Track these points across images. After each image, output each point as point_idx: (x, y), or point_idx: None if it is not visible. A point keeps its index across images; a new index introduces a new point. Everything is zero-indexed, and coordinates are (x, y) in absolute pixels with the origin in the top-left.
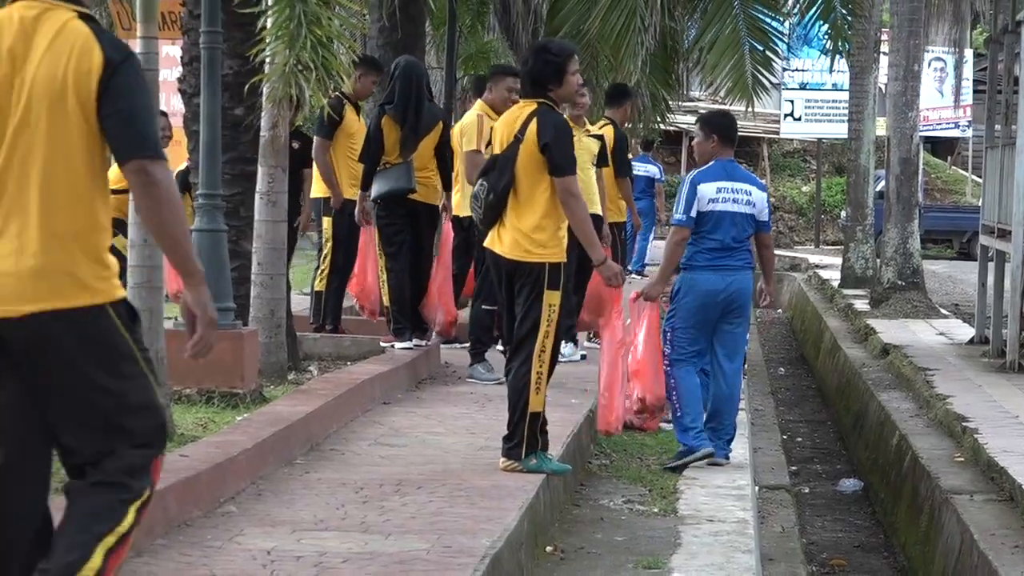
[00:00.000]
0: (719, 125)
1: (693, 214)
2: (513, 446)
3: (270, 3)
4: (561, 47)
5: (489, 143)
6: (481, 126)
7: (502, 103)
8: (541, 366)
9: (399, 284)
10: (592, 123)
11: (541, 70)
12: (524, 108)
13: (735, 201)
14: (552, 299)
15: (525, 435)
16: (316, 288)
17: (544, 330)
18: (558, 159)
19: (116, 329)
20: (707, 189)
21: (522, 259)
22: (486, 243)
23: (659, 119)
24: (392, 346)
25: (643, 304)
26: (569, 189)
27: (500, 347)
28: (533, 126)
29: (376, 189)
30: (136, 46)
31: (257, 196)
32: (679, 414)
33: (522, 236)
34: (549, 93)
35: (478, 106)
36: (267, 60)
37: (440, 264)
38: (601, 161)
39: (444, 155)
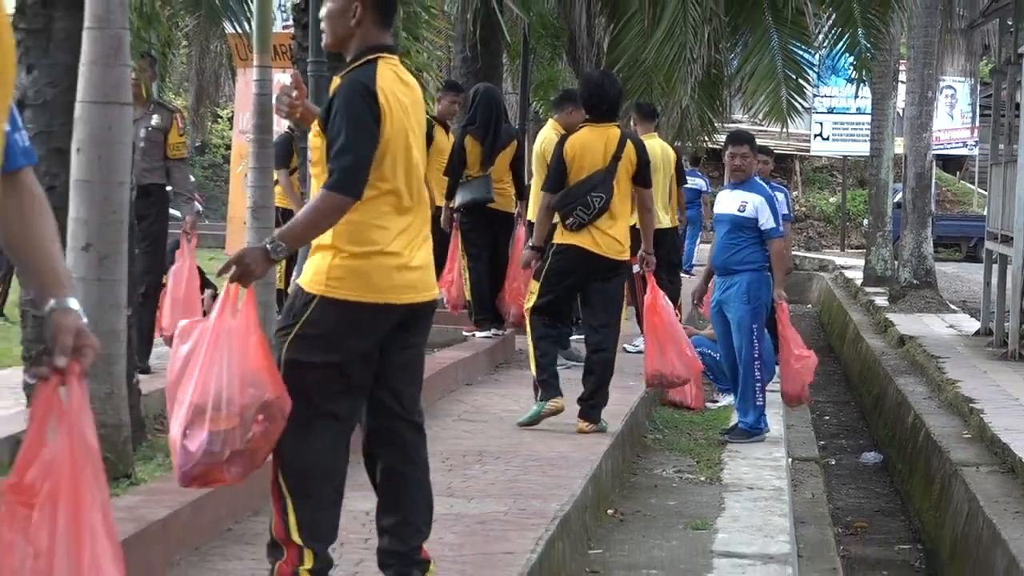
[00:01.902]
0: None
1: None
2: (596, 408)
3: None
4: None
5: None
6: None
7: (573, 125)
8: (617, 343)
9: (479, 281)
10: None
11: (616, 97)
12: (608, 131)
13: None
14: (625, 289)
15: (605, 401)
16: None
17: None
18: (648, 175)
19: None
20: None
21: (617, 257)
22: (573, 241)
23: (706, 138)
24: (473, 335)
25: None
26: (652, 198)
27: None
28: (630, 147)
29: (460, 199)
30: (253, 74)
31: None
32: (760, 403)
33: (618, 240)
34: (616, 118)
35: (552, 125)
36: None
37: (514, 263)
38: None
39: (518, 168)
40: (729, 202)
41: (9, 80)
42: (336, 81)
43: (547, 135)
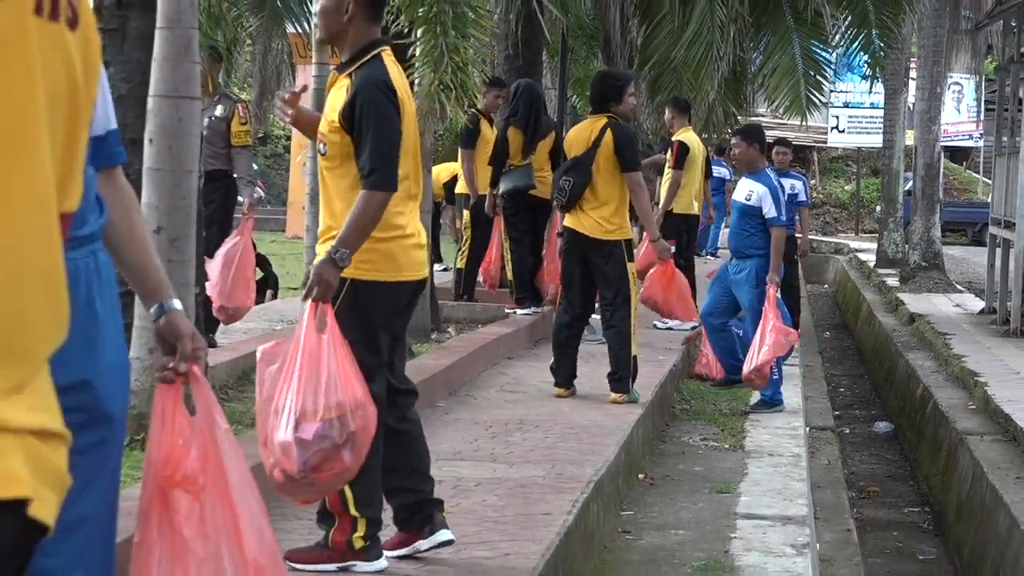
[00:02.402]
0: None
1: None
2: (621, 381)
3: (419, 35)
4: (623, 74)
5: None
6: None
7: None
8: (635, 319)
9: (521, 262)
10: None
11: (605, 91)
12: (595, 123)
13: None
14: (631, 268)
15: (630, 374)
16: (458, 265)
17: (634, 291)
18: (627, 158)
19: None
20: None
21: (603, 237)
22: (566, 223)
23: (729, 131)
24: (515, 312)
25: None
26: (638, 181)
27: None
28: (609, 134)
29: (503, 186)
30: (311, 70)
31: None
32: (777, 377)
33: (602, 221)
34: (612, 110)
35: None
36: (416, 81)
37: (551, 246)
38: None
39: (556, 158)
40: (740, 190)
41: (98, 75)
42: (339, 78)
43: None
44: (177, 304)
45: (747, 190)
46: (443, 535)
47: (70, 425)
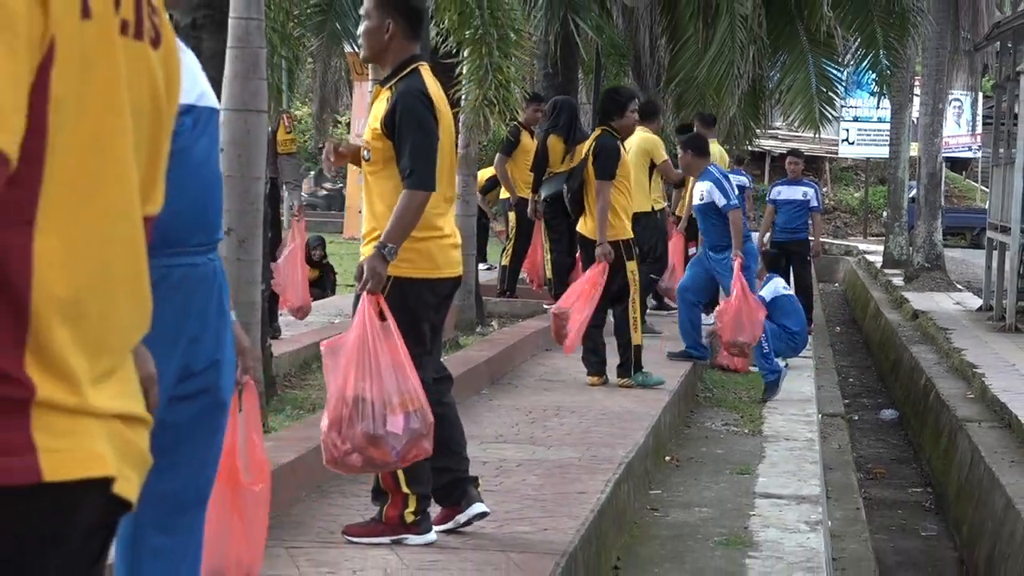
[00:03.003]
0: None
1: None
2: (623, 367)
3: (465, 55)
4: (627, 91)
5: None
6: None
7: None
8: (635, 312)
9: (559, 261)
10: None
11: (609, 106)
12: (594, 135)
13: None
14: (631, 266)
15: (632, 360)
16: (502, 263)
17: (633, 286)
18: (599, 166)
19: None
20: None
21: (591, 236)
22: (578, 228)
23: (748, 143)
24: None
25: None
26: (599, 189)
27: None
28: (587, 144)
29: (544, 191)
30: (367, 87)
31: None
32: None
33: (589, 223)
34: (612, 123)
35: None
36: (463, 96)
37: None
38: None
39: None
40: (695, 195)
41: (178, 91)
42: (382, 91)
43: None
44: (233, 316)
45: (698, 192)
46: (478, 508)
47: (201, 412)
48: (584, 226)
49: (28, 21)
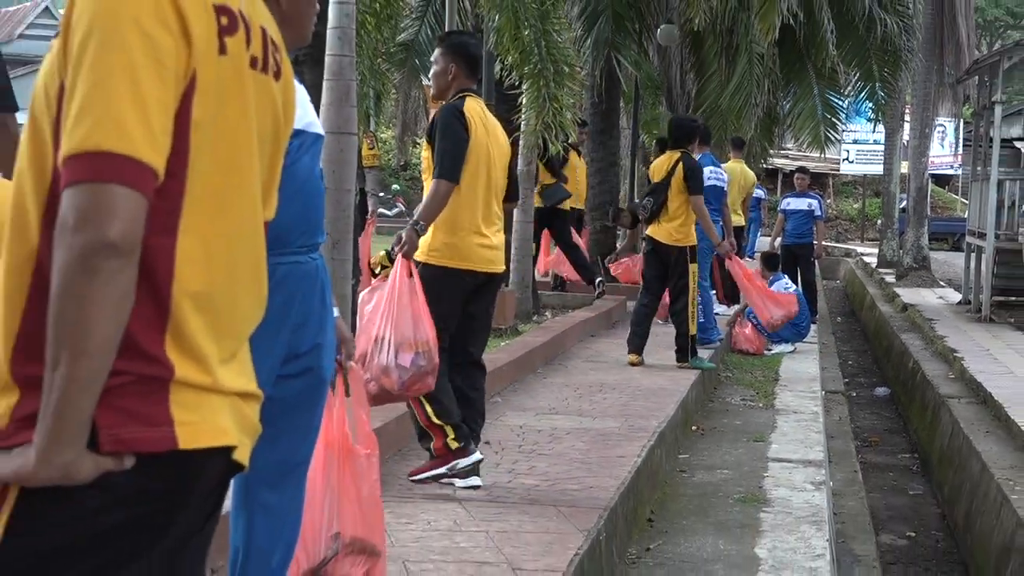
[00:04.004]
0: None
1: None
2: (681, 351)
3: (526, 87)
4: (698, 120)
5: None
6: None
7: None
8: (692, 307)
9: (575, 257)
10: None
11: (687, 134)
12: (672, 156)
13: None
14: (693, 268)
15: (688, 347)
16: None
17: (692, 285)
18: (693, 186)
19: None
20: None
21: (676, 243)
22: (649, 232)
23: (764, 161)
24: (599, 296)
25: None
26: (698, 203)
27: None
28: (680, 167)
29: (546, 201)
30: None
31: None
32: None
33: (674, 230)
34: (688, 147)
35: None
36: (523, 121)
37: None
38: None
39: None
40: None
41: (294, 116)
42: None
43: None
44: (337, 312)
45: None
46: (474, 480)
47: (304, 388)
48: (656, 230)
49: (175, 56)
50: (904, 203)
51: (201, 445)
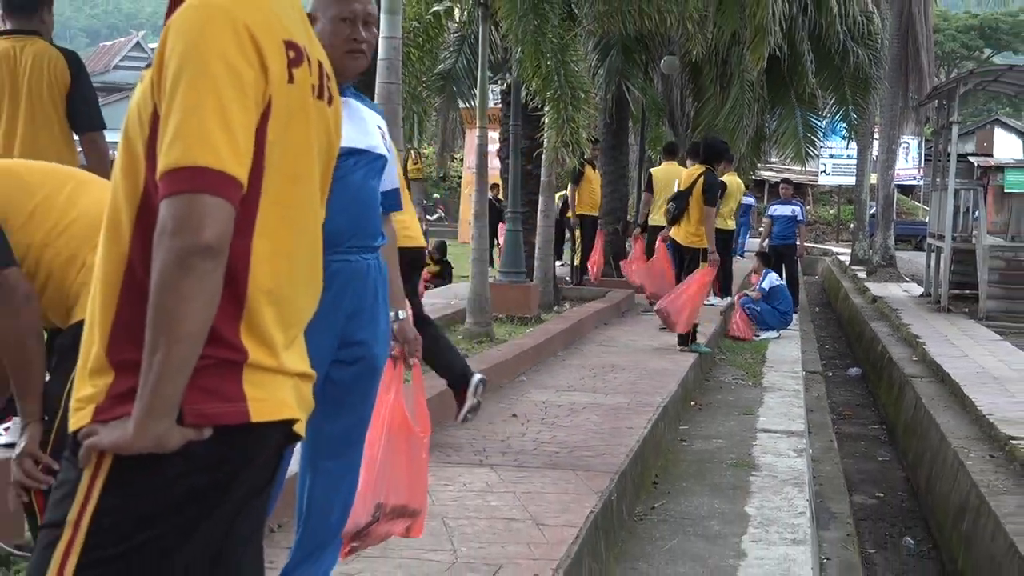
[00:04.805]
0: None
1: None
2: (683, 338)
3: (547, 109)
4: (724, 142)
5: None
6: None
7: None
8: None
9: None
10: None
11: (716, 154)
12: (698, 168)
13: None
14: (704, 266)
15: (690, 334)
16: (573, 263)
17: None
18: (709, 198)
19: None
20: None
21: (691, 244)
22: (671, 234)
23: (753, 173)
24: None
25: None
26: (708, 212)
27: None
28: (701, 180)
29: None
30: (475, 135)
31: (539, 212)
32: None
33: (691, 233)
34: (714, 165)
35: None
36: (545, 139)
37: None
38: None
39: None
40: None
41: (340, 137)
42: None
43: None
44: (403, 314)
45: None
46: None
47: (358, 375)
48: (677, 232)
49: (255, 86)
50: (873, 209)
51: (270, 419)
